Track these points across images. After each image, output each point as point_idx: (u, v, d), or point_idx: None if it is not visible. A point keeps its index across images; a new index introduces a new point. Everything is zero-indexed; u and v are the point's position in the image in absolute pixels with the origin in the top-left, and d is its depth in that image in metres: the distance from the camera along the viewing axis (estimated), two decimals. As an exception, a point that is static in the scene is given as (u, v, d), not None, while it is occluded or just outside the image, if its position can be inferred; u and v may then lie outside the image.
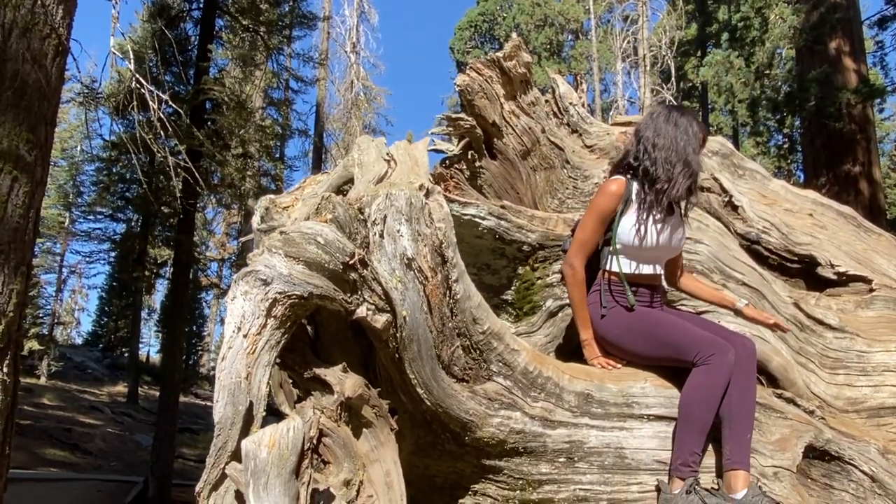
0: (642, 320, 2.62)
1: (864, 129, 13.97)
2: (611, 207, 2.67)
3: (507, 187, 3.54)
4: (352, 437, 2.07)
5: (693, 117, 2.73)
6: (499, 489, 2.51)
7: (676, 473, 2.33)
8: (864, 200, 13.31)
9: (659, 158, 2.63)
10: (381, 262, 2.04)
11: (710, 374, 2.35)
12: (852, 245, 3.69)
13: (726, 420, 2.36)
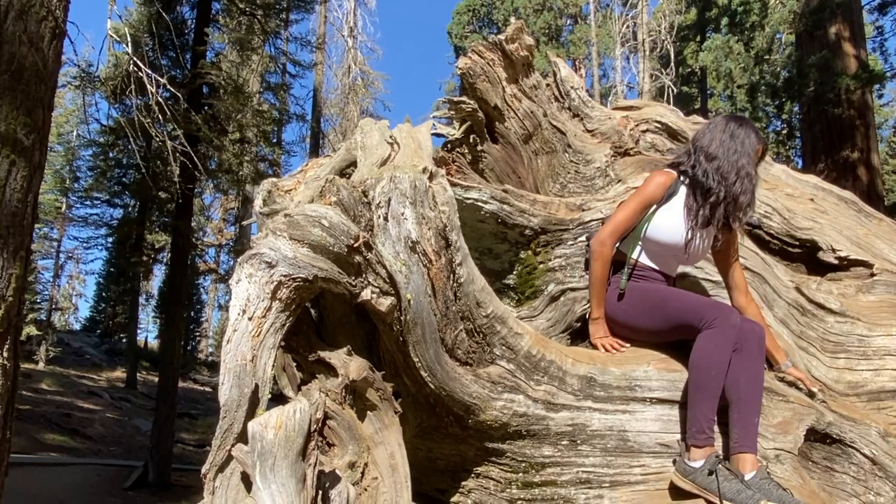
0: (647, 292, 2.67)
1: (863, 114, 13.94)
2: (657, 197, 2.74)
3: (509, 171, 3.53)
4: (356, 419, 2.07)
5: (751, 129, 2.71)
6: (501, 471, 2.52)
7: (692, 441, 2.32)
8: (863, 186, 13.31)
9: (710, 170, 2.65)
10: (386, 246, 2.03)
11: (715, 338, 2.36)
12: (853, 230, 3.69)
13: (734, 403, 2.36)
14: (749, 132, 2.69)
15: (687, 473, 2.29)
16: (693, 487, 2.26)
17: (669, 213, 2.73)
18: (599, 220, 3.21)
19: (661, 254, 2.76)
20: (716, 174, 2.64)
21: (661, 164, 3.79)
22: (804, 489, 2.40)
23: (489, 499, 2.54)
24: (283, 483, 1.61)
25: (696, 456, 2.31)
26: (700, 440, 2.31)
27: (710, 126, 2.79)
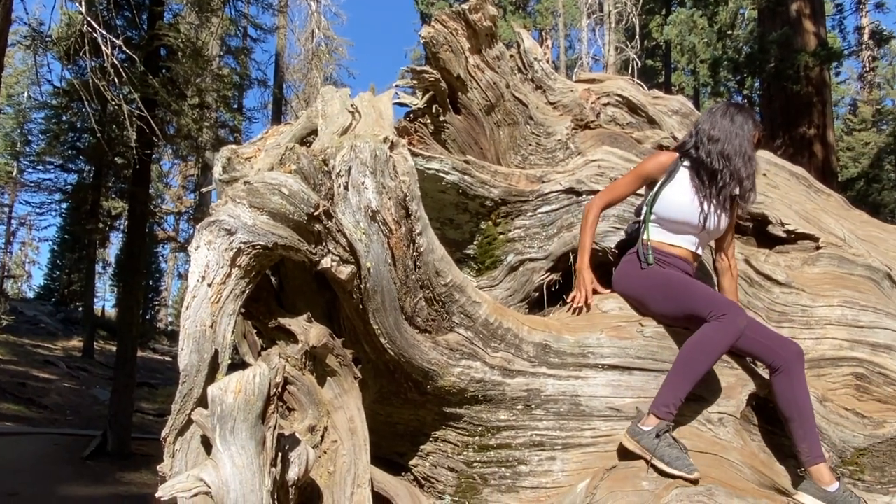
0: (670, 278, 2.71)
1: (820, 91, 14.24)
2: (653, 172, 2.86)
3: (471, 142, 3.55)
4: (316, 385, 2.11)
5: (749, 115, 2.85)
6: (459, 435, 2.59)
7: (655, 411, 2.42)
8: (818, 162, 13.65)
9: (714, 152, 2.76)
10: (346, 214, 2.05)
11: (718, 330, 2.44)
12: (802, 204, 3.82)
13: (796, 420, 2.49)
14: (748, 118, 2.82)
15: (635, 434, 2.40)
16: (637, 448, 2.37)
17: (680, 191, 2.80)
18: (559, 191, 3.27)
19: (680, 231, 2.82)
20: (720, 156, 2.76)
21: (621, 137, 3.87)
22: (745, 450, 2.53)
23: (446, 461, 2.61)
24: (243, 445, 1.65)
25: (650, 423, 2.41)
26: (662, 413, 2.41)
27: (712, 111, 2.91)
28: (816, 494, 2.40)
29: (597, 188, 3.24)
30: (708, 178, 2.77)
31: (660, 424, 2.38)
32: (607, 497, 2.26)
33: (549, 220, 3.28)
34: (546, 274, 3.31)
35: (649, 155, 2.92)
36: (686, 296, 2.60)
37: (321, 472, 2.06)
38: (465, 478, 2.60)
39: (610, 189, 2.95)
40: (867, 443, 2.67)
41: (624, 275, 2.85)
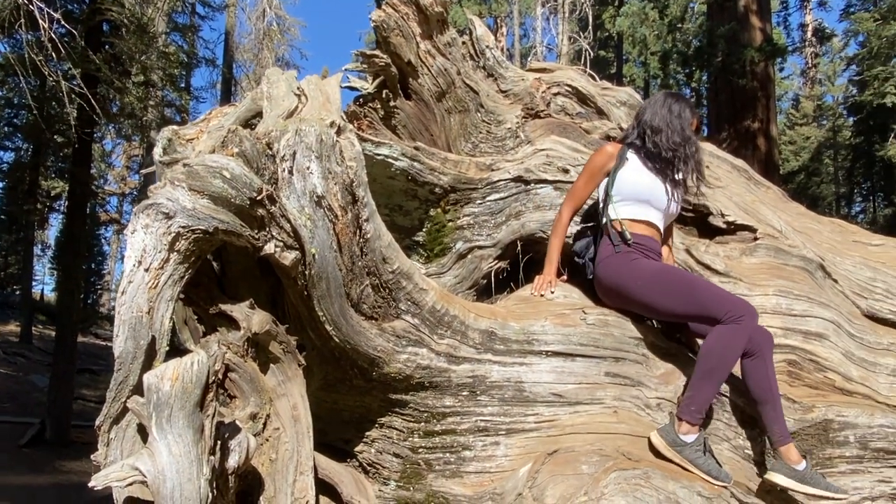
0: (670, 273, 2.71)
1: (765, 86, 14.66)
2: (601, 164, 2.91)
3: (422, 129, 3.54)
4: (259, 372, 2.08)
5: (687, 104, 2.95)
6: (404, 421, 2.60)
7: (688, 417, 2.48)
8: (761, 156, 14.07)
9: (659, 142, 2.85)
10: (290, 199, 2.02)
11: (738, 333, 2.48)
12: (742, 196, 3.94)
13: (768, 403, 2.56)
14: (685, 106, 2.93)
15: (676, 444, 2.45)
16: (679, 459, 2.43)
17: (639, 172, 2.85)
18: (507, 180, 3.29)
19: (638, 209, 2.85)
20: (667, 144, 2.85)
21: (570, 127, 3.91)
22: (681, 434, 2.61)
23: (392, 447, 2.62)
24: (180, 434, 1.62)
25: (686, 430, 2.47)
26: (696, 419, 2.48)
27: (651, 102, 2.99)
28: (787, 473, 2.49)
29: (545, 177, 3.28)
30: (662, 164, 2.85)
31: (699, 438, 2.46)
32: (548, 481, 2.31)
33: (497, 208, 3.30)
34: (494, 261, 3.34)
35: (595, 151, 2.97)
36: (694, 294, 2.59)
37: (263, 460, 2.04)
38: (411, 463, 2.61)
39: (571, 194, 2.98)
40: (797, 427, 2.78)
41: (612, 268, 2.76)
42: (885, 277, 3.75)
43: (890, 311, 3.67)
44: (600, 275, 2.81)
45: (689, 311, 2.61)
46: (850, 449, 2.84)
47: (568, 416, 2.58)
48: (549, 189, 3.28)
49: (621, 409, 2.59)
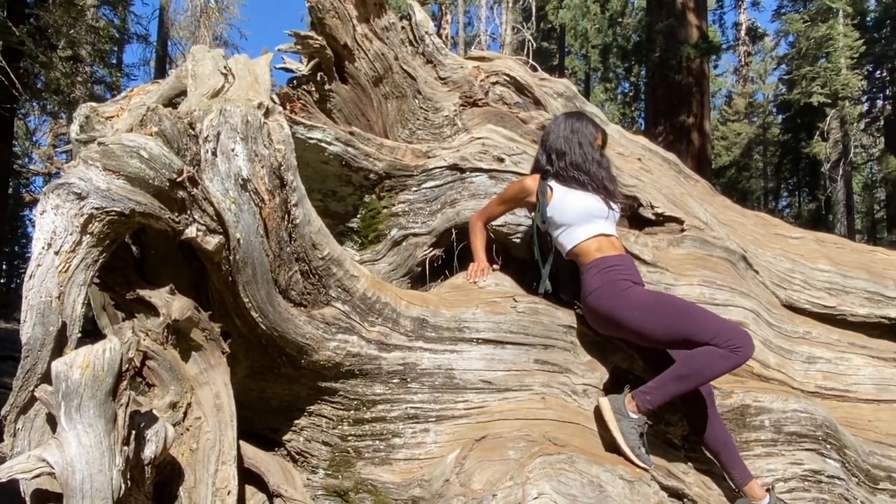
0: (667, 302, 2.68)
1: (699, 83, 15.09)
2: (515, 194, 2.96)
3: (358, 114, 3.49)
4: (179, 360, 2.02)
5: (588, 121, 2.98)
6: (334, 409, 2.58)
7: (640, 401, 2.55)
8: (695, 150, 14.51)
9: (565, 166, 2.88)
10: (214, 182, 1.96)
11: (727, 358, 2.46)
12: (672, 189, 4.05)
13: (725, 452, 2.67)
14: (587, 124, 2.96)
15: (619, 413, 2.54)
16: (614, 427, 2.51)
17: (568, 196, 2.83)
18: (443, 167, 3.28)
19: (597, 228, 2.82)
20: (572, 168, 2.87)
21: (507, 116, 3.92)
22: (607, 420, 2.67)
23: (321, 436, 2.59)
24: (91, 423, 1.55)
25: (633, 408, 2.56)
26: (645, 407, 2.55)
27: (553, 126, 3.03)
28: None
29: (480, 166, 3.28)
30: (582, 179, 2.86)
31: (642, 419, 2.55)
32: (475, 467, 2.33)
33: (433, 195, 3.29)
34: (429, 249, 3.33)
35: (515, 181, 3.04)
36: (694, 322, 2.54)
37: (183, 450, 1.99)
38: (340, 451, 2.59)
39: (485, 209, 3.08)
40: (716, 411, 2.89)
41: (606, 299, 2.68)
42: (802, 269, 3.93)
43: (807, 301, 3.85)
44: (593, 306, 2.72)
45: (689, 339, 2.53)
46: (766, 433, 2.97)
47: (497, 403, 2.60)
48: (484, 178, 3.29)
49: (549, 395, 2.63)
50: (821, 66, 17.57)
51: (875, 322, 3.83)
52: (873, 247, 4.38)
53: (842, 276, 3.88)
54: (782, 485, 2.87)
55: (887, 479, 3.02)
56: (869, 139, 23.53)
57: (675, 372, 2.55)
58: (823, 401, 3.28)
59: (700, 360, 2.49)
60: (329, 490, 2.58)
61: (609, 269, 2.72)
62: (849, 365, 3.51)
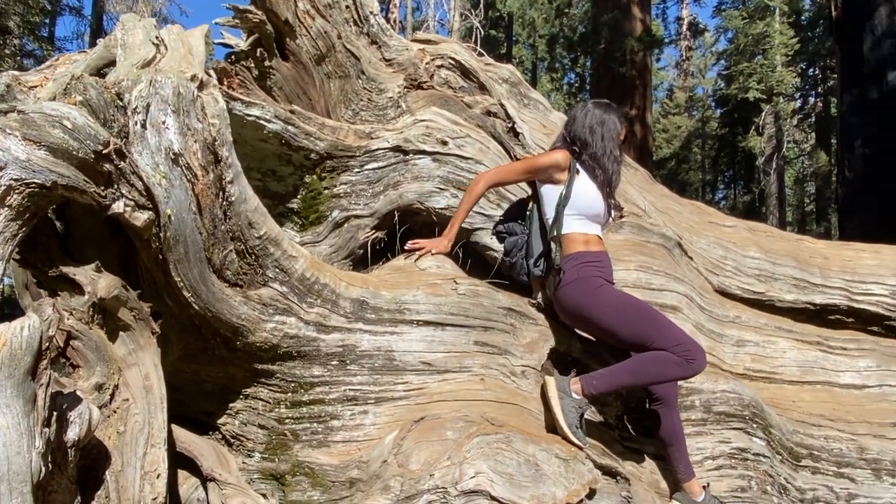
0: (634, 305, 2.76)
1: (642, 75, 15.42)
2: (544, 167, 2.92)
3: (299, 92, 3.42)
4: (106, 340, 1.95)
5: (615, 114, 2.97)
6: (271, 392, 2.54)
7: (585, 384, 2.64)
8: (637, 142, 14.84)
9: (587, 156, 2.89)
10: (143, 155, 1.89)
11: (681, 367, 2.61)
12: (612, 176, 4.12)
13: (675, 445, 2.78)
14: (613, 117, 2.95)
15: (563, 392, 2.60)
16: (555, 404, 2.56)
17: (590, 187, 2.89)
18: (386, 149, 3.25)
19: (595, 221, 2.92)
20: (591, 160, 2.89)
21: (452, 100, 3.91)
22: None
23: (257, 419, 2.55)
24: (8, 404, 1.48)
25: (577, 390, 2.63)
26: (588, 391, 2.63)
27: (580, 112, 3.01)
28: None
29: (424, 148, 3.26)
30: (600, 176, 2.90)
31: (584, 401, 2.62)
32: (413, 447, 2.33)
33: (375, 177, 3.26)
34: (371, 231, 3.30)
35: (546, 152, 3.02)
36: (656, 328, 2.66)
37: (110, 433, 1.92)
38: (277, 434, 2.56)
39: (499, 172, 3.00)
40: (647, 393, 2.97)
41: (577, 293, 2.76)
42: (735, 256, 4.06)
43: (738, 286, 3.99)
44: (564, 297, 2.79)
45: (647, 343, 2.65)
46: (696, 412, 3.07)
47: (436, 384, 2.61)
48: (427, 160, 3.27)
49: (488, 376, 2.65)
50: (757, 63, 18.17)
51: (801, 308, 4.00)
52: (801, 235, 4.57)
53: (771, 264, 4.03)
54: (711, 462, 2.98)
55: (808, 456, 3.16)
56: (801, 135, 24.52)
57: (629, 367, 2.66)
58: (751, 382, 3.41)
59: (655, 362, 2.62)
60: (265, 473, 2.54)
61: (587, 264, 2.80)
62: (775, 348, 3.66)
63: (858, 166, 10.86)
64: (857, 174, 10.88)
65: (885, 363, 3.64)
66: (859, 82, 10.94)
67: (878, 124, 10.48)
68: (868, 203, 10.54)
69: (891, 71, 10.58)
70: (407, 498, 2.20)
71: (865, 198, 10.60)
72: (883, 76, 10.62)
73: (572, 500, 2.31)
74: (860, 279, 4.01)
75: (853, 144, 11.04)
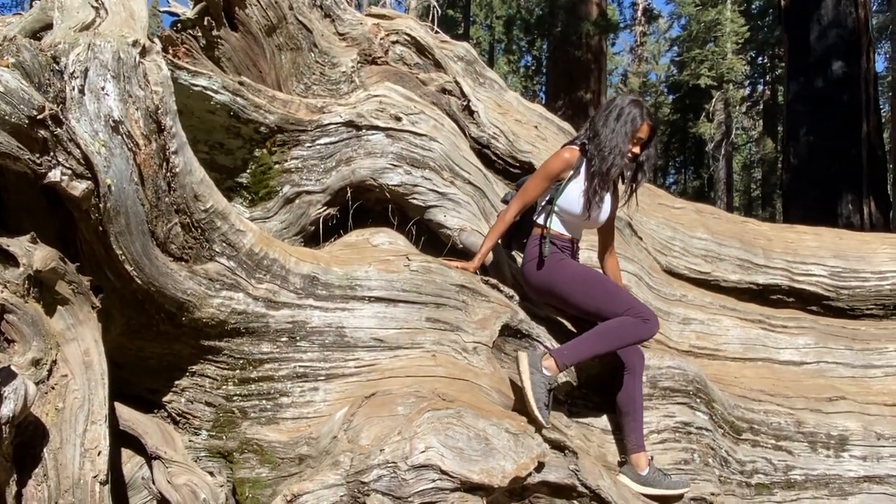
0: (591, 275, 2.95)
1: (598, 59, 15.54)
2: (558, 170, 2.96)
3: (249, 64, 3.34)
4: (43, 314, 1.88)
5: (638, 109, 2.92)
6: (218, 369, 2.49)
7: (557, 356, 2.73)
8: (591, 125, 14.96)
9: (592, 147, 2.90)
10: (81, 122, 1.81)
11: (637, 327, 2.76)
12: (566, 156, 4.15)
13: (630, 415, 2.85)
14: (635, 113, 2.90)
15: (534, 367, 2.64)
16: (526, 378, 2.60)
17: (577, 185, 2.93)
18: (338, 124, 3.20)
19: (572, 222, 2.99)
20: (595, 150, 2.89)
21: (407, 76, 3.87)
22: (495, 376, 2.74)
23: (204, 396, 2.50)
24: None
25: (548, 365, 2.68)
26: (561, 364, 2.72)
27: (606, 104, 3.05)
28: (633, 477, 2.80)
29: (377, 124, 3.22)
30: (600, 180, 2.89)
31: (554, 378, 2.69)
32: (364, 423, 2.33)
33: (328, 152, 3.21)
34: (323, 208, 3.25)
35: (553, 154, 3.04)
36: (611, 296, 2.84)
37: (48, 409, 1.86)
38: (224, 412, 2.51)
39: (523, 193, 3.04)
40: (597, 370, 3.03)
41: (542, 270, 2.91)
42: (682, 237, 4.16)
43: (685, 266, 4.09)
44: (530, 272, 2.97)
45: (602, 311, 2.82)
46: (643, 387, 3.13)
47: (388, 361, 2.60)
48: (380, 136, 3.23)
49: (440, 353, 2.65)
50: (709, 50, 18.51)
51: (744, 287, 4.13)
52: (746, 218, 4.71)
53: (717, 245, 4.14)
54: (656, 436, 3.06)
55: (749, 430, 3.28)
56: (749, 122, 25.17)
57: (593, 335, 2.79)
58: (696, 359, 3.51)
59: (615, 326, 2.78)
60: (213, 451, 2.51)
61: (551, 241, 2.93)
62: (719, 326, 3.77)
63: (803, 153, 11.21)
64: (801, 161, 11.23)
65: (823, 341, 3.79)
66: (805, 71, 11.26)
67: (822, 113, 10.82)
68: (811, 189, 10.91)
69: (835, 60, 10.92)
70: (357, 473, 2.19)
71: (809, 184, 10.96)
72: (828, 65, 10.96)
73: (521, 474, 2.34)
74: (801, 260, 4.15)
75: (798, 132, 11.38)
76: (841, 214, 10.60)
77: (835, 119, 10.74)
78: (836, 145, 10.58)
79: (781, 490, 3.17)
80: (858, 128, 10.72)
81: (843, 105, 10.75)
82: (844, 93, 10.81)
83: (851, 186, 10.71)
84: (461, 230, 3.24)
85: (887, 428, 3.36)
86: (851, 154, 10.59)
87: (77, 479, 1.85)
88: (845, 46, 10.85)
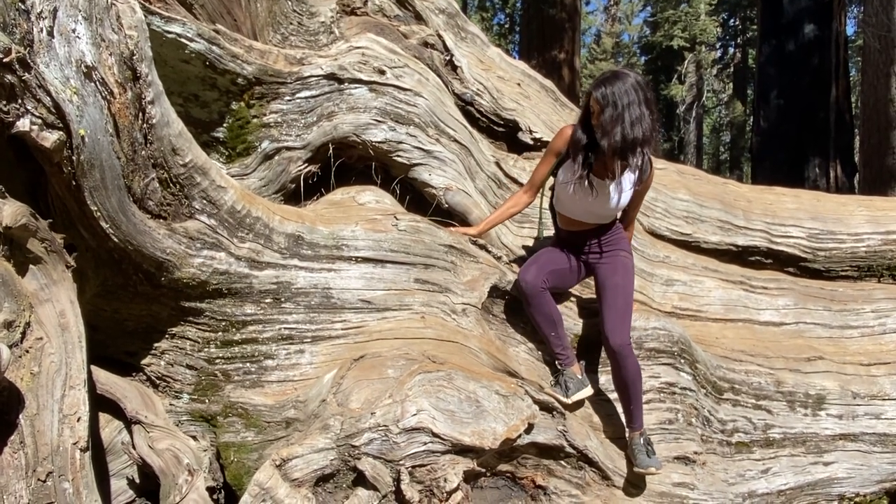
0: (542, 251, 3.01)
1: (572, 18, 15.31)
2: (557, 148, 2.90)
3: (223, 11, 3.15)
4: (14, 273, 1.76)
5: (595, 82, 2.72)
6: (199, 331, 2.40)
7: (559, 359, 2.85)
8: (565, 86, 14.82)
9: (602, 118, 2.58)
10: (51, 67, 1.67)
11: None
12: (549, 115, 4.08)
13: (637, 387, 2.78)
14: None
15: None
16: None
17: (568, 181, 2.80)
18: (319, 76, 3.06)
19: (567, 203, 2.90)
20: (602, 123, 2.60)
21: (387, 28, 3.72)
22: (484, 338, 2.70)
23: (185, 359, 2.42)
24: None
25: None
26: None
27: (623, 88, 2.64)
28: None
29: (360, 77, 3.10)
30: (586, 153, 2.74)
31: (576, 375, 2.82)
32: (353, 386, 2.27)
33: (308, 106, 3.08)
34: (304, 165, 3.14)
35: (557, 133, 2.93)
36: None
37: (23, 374, 1.75)
38: (206, 375, 2.44)
39: (531, 178, 3.04)
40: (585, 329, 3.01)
41: None
42: (664, 198, 4.13)
43: (667, 228, 4.07)
44: None
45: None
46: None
47: (376, 323, 2.54)
48: (363, 90, 3.11)
49: (429, 314, 2.60)
50: (682, 11, 18.42)
51: (724, 249, 4.13)
52: (726, 179, 4.70)
53: (698, 206, 4.13)
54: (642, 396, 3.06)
55: (730, 389, 3.31)
56: (720, 84, 25.25)
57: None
58: (679, 320, 3.51)
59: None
60: (195, 415, 2.44)
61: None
62: (702, 287, 3.78)
63: (773, 116, 11.28)
64: (771, 124, 11.31)
65: (802, 302, 3.83)
66: (777, 33, 11.26)
67: (793, 75, 10.88)
68: (780, 152, 11.02)
69: (807, 23, 10.94)
70: (347, 437, 2.15)
71: (778, 146, 11.07)
72: (800, 28, 10.97)
73: (512, 435, 2.32)
74: (780, 222, 4.16)
75: (769, 95, 11.43)
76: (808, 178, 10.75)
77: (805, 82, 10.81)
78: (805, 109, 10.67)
79: (760, 448, 3.22)
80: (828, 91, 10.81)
81: (814, 68, 10.82)
82: (815, 56, 10.87)
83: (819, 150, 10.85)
84: (446, 189, 3.17)
85: (863, 387, 3.42)
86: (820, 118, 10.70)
87: (56, 447, 1.76)
88: (818, 9, 10.86)
